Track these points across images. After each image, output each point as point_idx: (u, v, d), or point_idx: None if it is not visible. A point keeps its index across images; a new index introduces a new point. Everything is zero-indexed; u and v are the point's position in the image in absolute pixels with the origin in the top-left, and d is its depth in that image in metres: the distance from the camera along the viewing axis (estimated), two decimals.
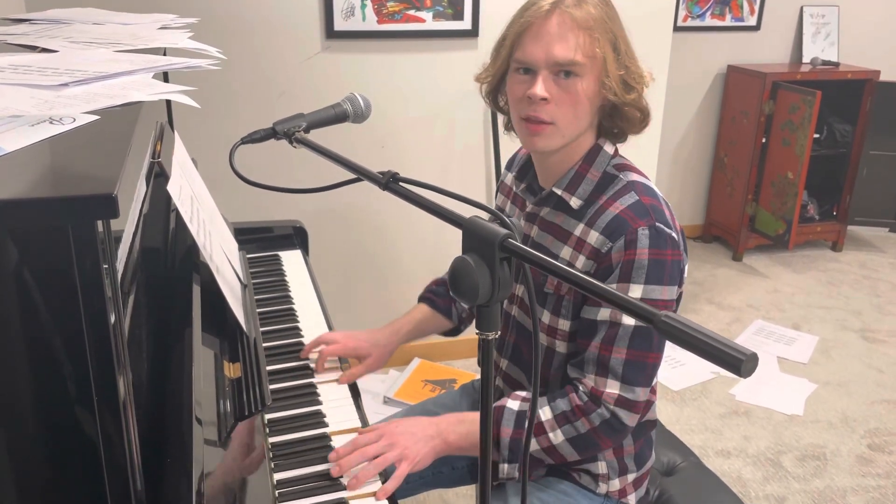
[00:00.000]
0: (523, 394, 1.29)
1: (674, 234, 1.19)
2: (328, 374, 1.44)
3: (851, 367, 3.10)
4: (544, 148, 1.23)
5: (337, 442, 1.25)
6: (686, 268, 1.26)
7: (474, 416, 1.27)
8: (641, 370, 1.20)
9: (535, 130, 1.21)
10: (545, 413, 1.24)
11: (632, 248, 1.16)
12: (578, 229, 1.24)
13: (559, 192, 1.26)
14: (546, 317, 1.29)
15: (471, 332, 1.50)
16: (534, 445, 1.24)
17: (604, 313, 1.20)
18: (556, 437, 1.23)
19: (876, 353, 3.22)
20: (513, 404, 1.26)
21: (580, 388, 1.23)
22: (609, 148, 1.27)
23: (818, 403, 2.84)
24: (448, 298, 1.58)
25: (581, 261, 1.22)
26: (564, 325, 1.27)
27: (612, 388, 1.20)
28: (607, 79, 1.18)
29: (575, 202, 1.25)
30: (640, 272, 1.17)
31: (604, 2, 1.21)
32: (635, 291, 1.17)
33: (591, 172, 1.25)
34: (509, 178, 1.45)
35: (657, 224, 1.18)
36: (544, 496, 1.35)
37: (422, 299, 1.60)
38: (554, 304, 1.27)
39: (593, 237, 1.20)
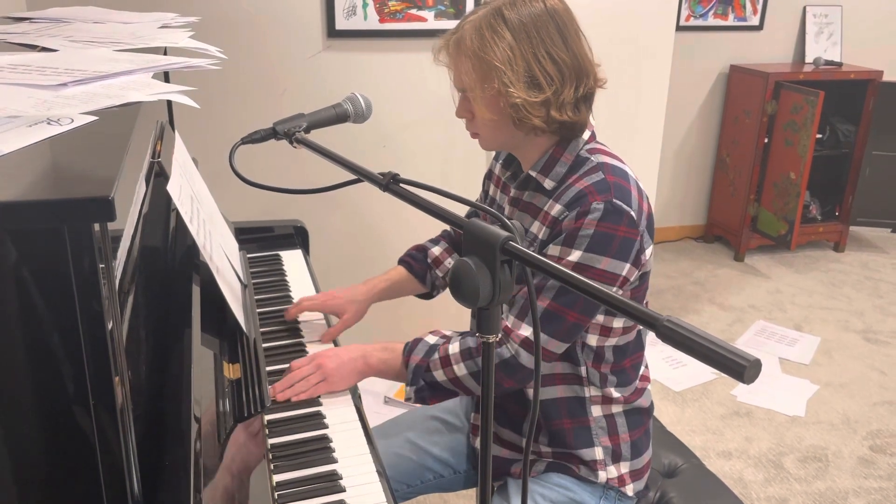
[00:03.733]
0: (446, 332, 1.38)
1: (632, 213, 1.22)
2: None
3: (853, 368, 3.09)
4: (487, 150, 1.38)
5: (337, 443, 1.25)
6: (649, 251, 1.28)
7: (396, 346, 1.38)
8: (558, 323, 1.23)
9: (473, 138, 1.35)
10: (454, 347, 1.31)
11: (582, 218, 1.20)
12: (547, 205, 1.28)
13: (534, 174, 1.31)
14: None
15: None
16: (441, 376, 1.31)
17: None
18: (460, 370, 1.30)
19: (878, 354, 3.21)
20: (430, 338, 1.36)
21: None
22: (585, 134, 1.31)
23: (820, 405, 2.83)
24: (424, 265, 1.66)
25: (543, 231, 1.27)
26: None
27: (524, 330, 1.26)
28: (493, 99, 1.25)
29: (549, 183, 1.29)
30: (584, 240, 1.20)
31: (489, 28, 1.22)
32: (573, 256, 1.21)
33: (564, 156, 1.29)
34: (497, 167, 1.49)
35: (614, 200, 1.21)
36: (546, 492, 1.36)
37: (400, 262, 1.68)
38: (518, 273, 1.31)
39: (555, 209, 1.25)
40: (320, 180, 1.16)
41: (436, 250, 1.65)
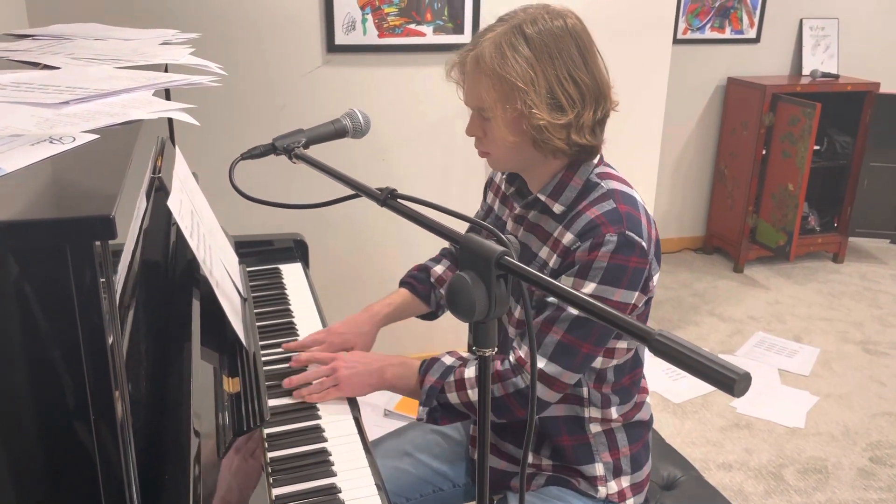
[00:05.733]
0: (464, 354, 1.37)
1: (643, 243, 1.22)
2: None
3: (853, 379, 3.09)
4: (497, 169, 1.38)
5: (336, 456, 1.25)
6: (656, 277, 1.29)
7: (414, 363, 1.38)
8: (571, 355, 1.23)
9: (482, 157, 1.33)
10: (470, 371, 1.31)
11: (596, 250, 1.20)
12: (557, 231, 1.27)
13: (543, 198, 1.30)
14: (516, 310, 1.34)
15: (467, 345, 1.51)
16: (454, 399, 1.31)
17: None
18: (475, 394, 1.30)
19: (877, 365, 3.21)
20: (447, 359, 1.36)
21: (510, 355, 1.29)
22: (594, 157, 1.30)
23: (820, 416, 2.83)
24: (427, 284, 1.64)
25: (553, 259, 1.27)
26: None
27: (538, 362, 1.25)
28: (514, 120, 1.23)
29: (558, 208, 1.28)
30: (597, 272, 1.20)
31: (510, 46, 1.20)
32: (587, 288, 1.21)
33: (574, 180, 1.28)
34: (499, 177, 1.49)
35: (627, 232, 1.20)
36: None
37: (402, 284, 1.66)
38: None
39: (567, 238, 1.24)
40: (319, 195, 1.18)
41: (438, 269, 1.64)
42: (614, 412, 1.35)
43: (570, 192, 1.28)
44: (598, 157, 1.31)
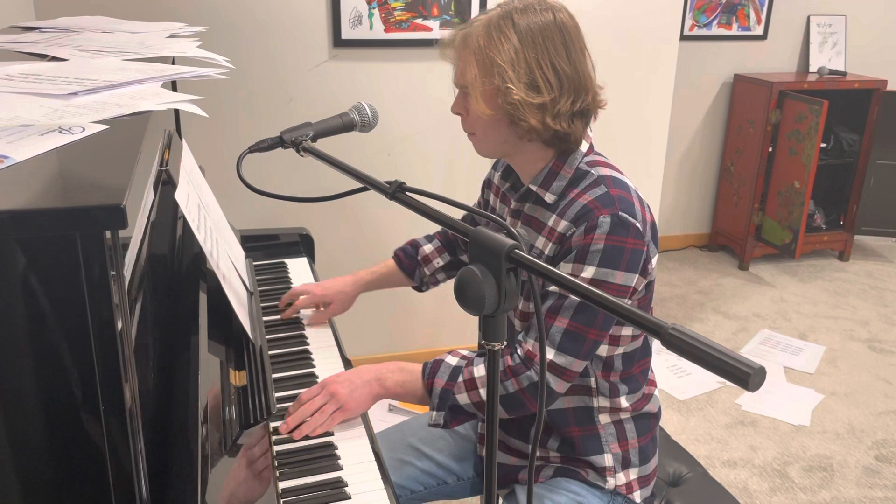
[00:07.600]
0: (464, 352, 1.35)
1: (638, 224, 1.23)
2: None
3: (858, 377, 3.09)
4: (481, 153, 1.35)
5: (342, 450, 1.25)
6: (654, 260, 1.30)
7: (413, 367, 1.35)
8: (579, 342, 1.24)
9: (469, 139, 1.34)
10: (479, 370, 1.29)
11: (591, 233, 1.21)
12: (551, 220, 1.28)
13: (535, 188, 1.32)
14: (520, 302, 1.34)
15: (475, 340, 1.51)
16: (464, 399, 1.29)
17: None
18: (486, 393, 1.26)
19: (883, 363, 3.20)
20: (451, 360, 1.33)
21: (518, 350, 1.28)
22: (583, 146, 1.31)
23: (825, 414, 2.83)
24: (414, 261, 1.69)
25: (549, 247, 1.28)
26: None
27: (548, 353, 1.25)
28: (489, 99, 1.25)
29: (549, 197, 1.30)
30: (595, 255, 1.21)
31: (497, 29, 1.24)
32: (587, 272, 1.22)
33: (564, 169, 1.30)
34: (496, 177, 1.50)
35: (621, 213, 1.22)
36: (555, 496, 1.36)
37: (394, 255, 1.72)
38: (526, 290, 1.33)
39: (562, 225, 1.26)
40: (326, 188, 1.17)
41: (427, 248, 1.68)
42: (623, 401, 1.35)
43: (561, 180, 1.29)
44: (588, 146, 1.32)
